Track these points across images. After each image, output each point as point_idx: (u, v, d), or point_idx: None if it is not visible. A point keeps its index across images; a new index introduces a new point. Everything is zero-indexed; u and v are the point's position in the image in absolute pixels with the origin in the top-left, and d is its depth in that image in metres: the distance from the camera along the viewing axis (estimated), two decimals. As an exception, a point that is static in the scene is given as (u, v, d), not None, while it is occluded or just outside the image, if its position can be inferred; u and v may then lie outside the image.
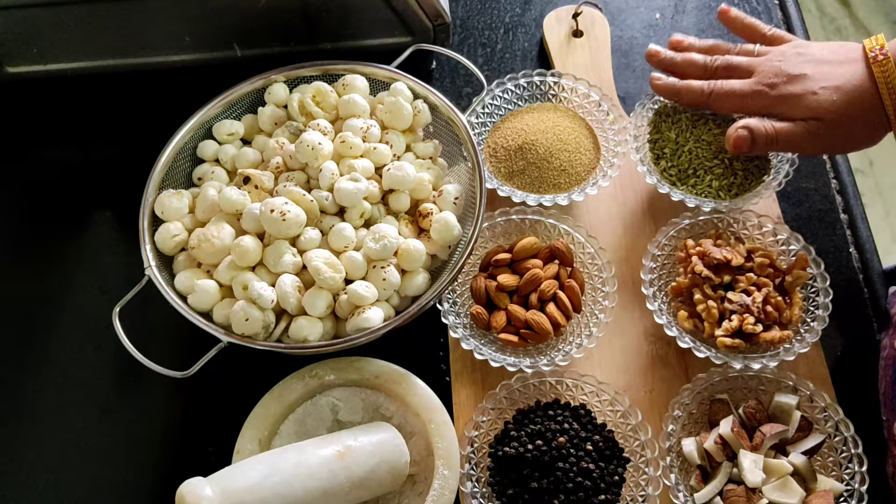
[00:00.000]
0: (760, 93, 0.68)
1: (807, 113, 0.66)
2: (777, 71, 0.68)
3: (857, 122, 0.66)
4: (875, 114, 0.65)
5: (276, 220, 0.64)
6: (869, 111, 0.65)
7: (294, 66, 0.76)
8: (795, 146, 0.68)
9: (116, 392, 0.72)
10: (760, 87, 0.68)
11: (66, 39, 0.82)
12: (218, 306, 0.65)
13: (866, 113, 0.65)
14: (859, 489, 0.62)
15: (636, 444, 0.64)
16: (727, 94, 0.70)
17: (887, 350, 0.68)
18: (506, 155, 0.77)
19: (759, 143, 0.69)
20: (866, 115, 0.65)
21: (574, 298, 0.70)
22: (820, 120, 0.66)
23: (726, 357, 0.66)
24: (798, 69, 0.67)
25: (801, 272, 0.68)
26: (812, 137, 0.67)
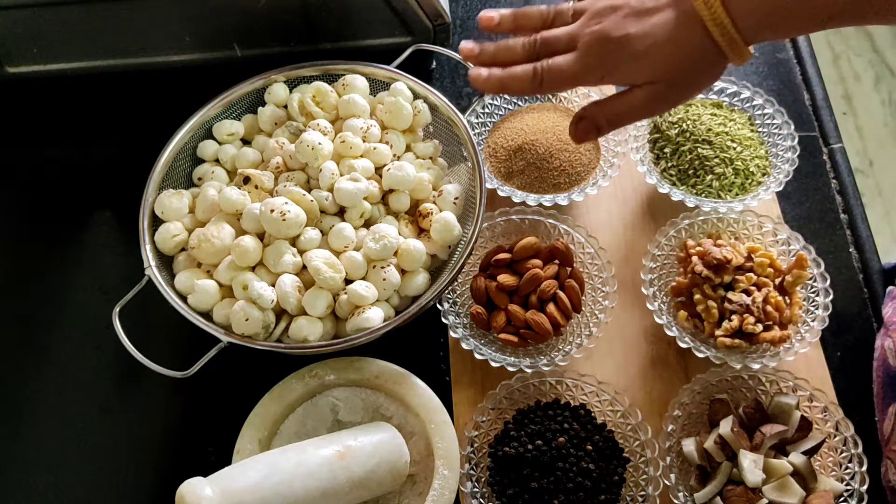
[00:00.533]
0: (590, 67, 0.63)
1: (643, 77, 0.62)
2: (599, 37, 0.62)
3: (696, 67, 0.61)
4: (710, 53, 0.60)
5: (276, 220, 0.64)
6: (704, 52, 0.60)
7: (294, 66, 0.76)
8: (643, 115, 0.64)
9: (116, 392, 0.72)
10: (588, 61, 0.63)
11: (67, 39, 0.82)
12: (218, 306, 0.65)
13: (703, 56, 0.60)
14: (859, 489, 0.62)
15: (636, 444, 0.64)
16: (556, 76, 0.64)
17: (878, 351, 0.68)
18: (506, 155, 0.77)
19: (604, 128, 0.65)
20: (703, 59, 0.60)
21: (574, 298, 0.70)
22: (658, 82, 0.61)
23: (726, 357, 0.66)
24: (620, 30, 0.62)
25: (801, 272, 0.68)
26: (656, 101, 0.63)
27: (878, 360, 0.68)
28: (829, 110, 0.85)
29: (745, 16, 0.57)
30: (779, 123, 0.77)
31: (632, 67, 0.61)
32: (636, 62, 0.61)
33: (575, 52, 0.63)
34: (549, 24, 0.66)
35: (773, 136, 0.77)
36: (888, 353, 0.66)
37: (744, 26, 0.58)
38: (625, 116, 0.64)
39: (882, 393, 0.66)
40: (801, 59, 0.87)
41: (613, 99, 0.64)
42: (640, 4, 0.62)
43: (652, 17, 0.61)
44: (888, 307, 0.70)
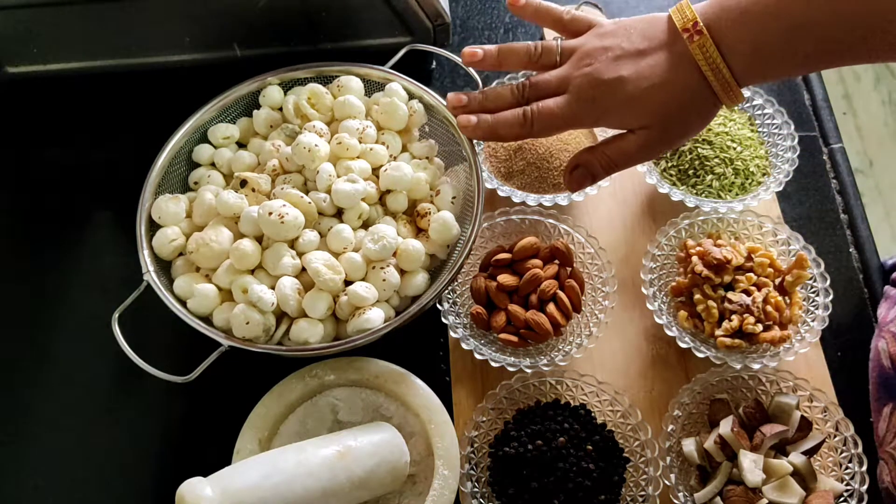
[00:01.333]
0: (582, 111, 0.61)
1: (637, 122, 0.60)
2: (591, 81, 0.60)
3: (689, 111, 0.60)
4: (703, 96, 0.59)
5: (274, 223, 0.64)
6: (698, 96, 0.59)
7: (288, 69, 0.76)
8: (637, 160, 0.63)
9: (117, 392, 0.72)
10: (580, 105, 0.61)
11: (66, 39, 0.82)
12: (218, 310, 0.65)
13: (696, 99, 0.59)
14: (859, 489, 0.62)
15: (636, 444, 0.64)
16: (547, 119, 0.62)
17: (873, 352, 0.68)
18: (505, 155, 0.77)
19: (599, 175, 0.64)
20: (696, 102, 0.59)
21: (574, 298, 0.70)
22: (652, 126, 0.60)
23: (726, 357, 0.66)
24: (612, 72, 0.60)
25: (801, 272, 0.68)
26: (650, 146, 0.61)
27: (872, 360, 0.68)
28: (829, 110, 0.85)
29: (738, 58, 0.57)
30: (779, 123, 0.77)
31: (625, 111, 0.60)
32: (629, 106, 0.60)
33: (566, 94, 0.62)
34: (537, 60, 0.65)
35: (773, 136, 0.77)
36: (882, 355, 0.66)
37: (737, 69, 0.57)
38: (620, 162, 0.63)
39: (877, 394, 0.66)
40: (801, 58, 0.87)
41: (607, 144, 0.63)
42: (632, 45, 0.60)
43: (644, 58, 0.60)
44: (883, 307, 0.70)
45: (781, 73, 0.59)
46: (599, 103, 0.60)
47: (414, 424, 0.66)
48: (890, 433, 0.63)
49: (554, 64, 0.64)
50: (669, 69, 0.59)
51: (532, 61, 0.65)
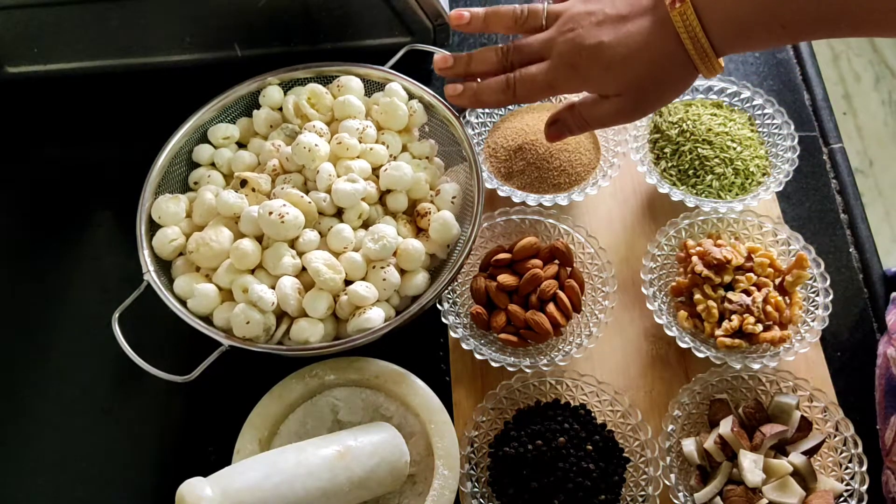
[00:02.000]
0: (563, 76, 0.62)
1: (615, 89, 0.62)
2: (573, 46, 0.61)
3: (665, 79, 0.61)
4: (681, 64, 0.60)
5: (274, 223, 0.64)
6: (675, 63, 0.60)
7: (288, 69, 0.76)
8: (611, 123, 0.66)
9: (117, 392, 0.72)
10: (561, 70, 0.62)
11: (67, 39, 0.82)
12: (218, 310, 0.65)
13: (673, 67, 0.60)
14: (859, 489, 0.62)
15: (636, 444, 0.64)
16: (529, 85, 0.63)
17: (881, 358, 0.67)
18: (506, 155, 0.77)
19: (574, 131, 0.67)
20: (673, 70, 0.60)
21: (574, 298, 0.70)
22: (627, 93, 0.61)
23: (726, 357, 0.66)
24: (593, 37, 0.60)
25: (801, 272, 0.68)
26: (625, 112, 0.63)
27: (880, 367, 0.67)
28: (829, 110, 0.85)
29: (716, 26, 0.57)
30: (779, 123, 0.77)
31: (604, 77, 0.61)
32: (609, 72, 0.61)
33: (548, 60, 0.63)
34: (522, 23, 0.66)
35: (773, 136, 0.77)
36: (890, 362, 0.66)
37: (716, 37, 0.58)
38: (594, 123, 0.66)
39: (884, 402, 0.66)
40: (800, 59, 0.87)
41: (584, 105, 0.65)
42: (615, 10, 0.61)
43: (626, 24, 0.60)
44: (891, 314, 0.69)
45: (760, 43, 0.59)
46: (580, 70, 0.61)
47: (414, 424, 0.66)
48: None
49: (539, 27, 0.65)
50: (649, 35, 0.59)
51: (518, 25, 0.66)
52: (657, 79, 0.61)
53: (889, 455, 0.63)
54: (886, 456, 0.64)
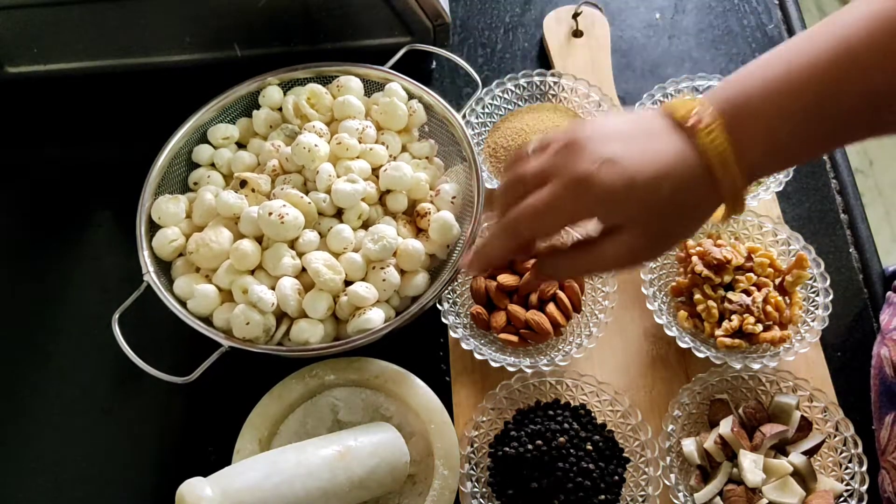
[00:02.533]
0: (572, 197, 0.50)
1: (633, 213, 0.50)
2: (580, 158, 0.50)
3: (692, 205, 0.50)
4: (705, 193, 0.50)
5: (274, 223, 0.64)
6: (701, 190, 0.50)
7: (288, 69, 0.76)
8: (621, 265, 0.53)
9: (117, 392, 0.72)
10: (570, 190, 0.50)
11: (67, 39, 0.82)
12: (218, 311, 0.65)
13: (699, 193, 0.50)
14: (859, 489, 0.62)
15: (636, 444, 0.64)
16: (532, 214, 0.52)
17: (875, 359, 0.67)
18: (506, 155, 0.77)
19: (563, 276, 0.58)
20: (699, 196, 0.50)
21: (574, 298, 0.70)
22: (646, 223, 0.50)
23: (726, 357, 0.66)
24: (603, 150, 0.49)
25: (801, 272, 0.68)
26: (638, 249, 0.51)
27: (874, 367, 0.67)
28: (829, 110, 0.85)
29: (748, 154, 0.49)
30: (779, 123, 0.77)
31: (620, 198, 0.49)
32: (628, 192, 0.49)
33: (552, 181, 0.51)
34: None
35: (773, 136, 0.77)
36: (884, 363, 0.66)
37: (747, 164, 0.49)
38: (597, 266, 0.55)
39: (878, 402, 0.66)
40: (801, 58, 0.87)
41: (584, 246, 0.54)
42: (624, 129, 0.51)
43: (640, 142, 0.50)
44: (886, 313, 0.69)
45: (791, 163, 0.55)
46: (592, 186, 0.49)
47: (414, 424, 0.66)
48: (892, 443, 0.63)
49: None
50: (670, 157, 0.49)
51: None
52: (680, 205, 0.50)
53: (885, 455, 0.63)
54: (882, 456, 0.64)
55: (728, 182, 0.49)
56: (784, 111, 0.48)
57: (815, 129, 0.48)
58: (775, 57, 0.49)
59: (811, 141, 0.49)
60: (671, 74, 0.86)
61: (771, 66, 0.49)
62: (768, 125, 0.48)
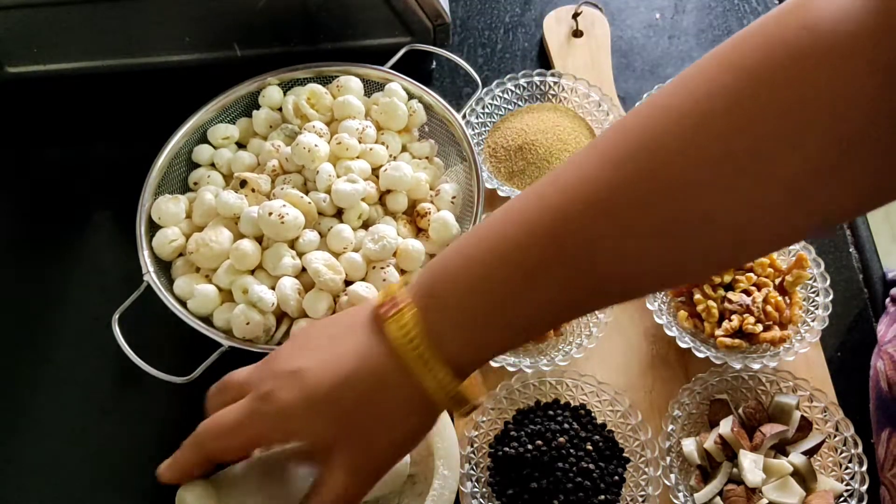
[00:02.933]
0: (261, 414, 0.45)
1: (327, 430, 0.44)
2: (268, 373, 0.46)
3: (386, 412, 0.44)
4: (406, 392, 0.44)
5: (274, 223, 0.64)
6: (395, 391, 0.44)
7: (288, 69, 0.76)
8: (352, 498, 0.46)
9: (117, 393, 0.72)
10: (258, 405, 0.45)
11: (67, 39, 0.82)
12: (218, 311, 0.65)
13: (392, 395, 0.44)
14: (859, 489, 0.62)
15: (636, 444, 0.64)
16: (217, 436, 0.47)
17: (872, 370, 0.67)
18: (506, 155, 0.77)
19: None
20: (394, 398, 0.44)
21: (574, 298, 0.70)
22: (348, 439, 0.44)
23: (726, 357, 0.66)
24: (291, 363, 0.45)
25: (801, 272, 0.68)
26: (361, 473, 0.45)
27: (872, 379, 0.67)
28: (829, 110, 0.85)
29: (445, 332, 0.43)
30: (779, 123, 0.77)
31: (310, 416, 0.44)
32: (314, 408, 0.44)
33: (243, 398, 0.47)
34: None
35: (773, 136, 0.77)
36: (880, 376, 0.66)
37: (447, 349, 0.43)
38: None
39: (876, 416, 0.65)
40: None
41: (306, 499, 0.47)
42: (326, 331, 0.47)
43: (335, 341, 0.46)
44: (883, 324, 0.69)
45: (497, 350, 0.46)
46: (278, 402, 0.44)
47: (414, 424, 0.66)
48: (888, 460, 0.63)
49: None
50: (358, 354, 0.44)
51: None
52: (374, 411, 0.44)
53: (883, 471, 0.63)
54: (881, 471, 0.63)
55: (429, 376, 0.43)
56: (468, 295, 0.42)
57: (505, 313, 0.43)
58: (468, 236, 0.45)
59: (506, 325, 0.43)
60: (671, 74, 0.86)
61: (461, 244, 0.44)
62: (459, 308, 0.43)
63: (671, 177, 0.38)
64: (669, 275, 0.43)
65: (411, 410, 0.44)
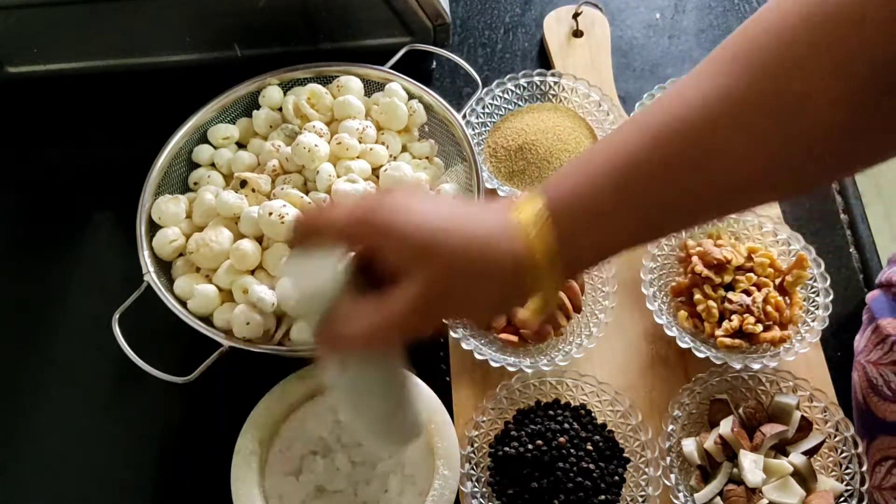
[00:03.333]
0: (358, 222, 0.45)
1: (419, 255, 0.43)
2: (374, 199, 0.47)
3: (492, 280, 0.44)
4: (513, 280, 0.44)
5: (274, 223, 0.64)
6: (507, 277, 0.44)
7: (288, 69, 0.76)
8: (405, 321, 0.44)
9: (117, 392, 0.72)
10: (357, 215, 0.45)
11: (67, 39, 0.82)
12: (218, 311, 0.65)
13: (504, 272, 0.44)
14: (859, 489, 0.62)
15: (636, 445, 0.64)
16: (322, 221, 0.46)
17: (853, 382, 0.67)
18: (506, 155, 0.77)
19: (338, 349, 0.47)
20: (502, 273, 0.44)
21: (574, 298, 0.70)
22: (434, 271, 0.43)
23: (726, 357, 0.66)
24: (403, 199, 0.45)
25: (802, 272, 0.68)
26: (424, 301, 0.43)
27: (853, 390, 0.67)
28: (829, 110, 0.85)
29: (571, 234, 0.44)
30: (779, 123, 0.77)
31: (407, 233, 0.44)
32: (416, 231, 0.43)
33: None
34: None
35: (773, 136, 0.77)
36: (856, 388, 0.66)
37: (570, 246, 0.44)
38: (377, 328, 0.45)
39: (856, 426, 0.66)
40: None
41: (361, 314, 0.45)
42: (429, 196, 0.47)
43: (446, 202, 0.49)
44: (859, 334, 0.69)
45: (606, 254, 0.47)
46: (378, 216, 0.44)
47: (414, 424, 0.66)
48: (868, 470, 0.63)
49: None
50: (490, 225, 0.45)
51: None
52: (484, 272, 0.44)
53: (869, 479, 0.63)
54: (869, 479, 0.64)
55: (542, 264, 0.44)
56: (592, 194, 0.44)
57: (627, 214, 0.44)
58: (589, 148, 0.46)
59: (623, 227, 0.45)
60: (671, 74, 0.86)
61: (583, 155, 0.46)
62: (583, 207, 0.44)
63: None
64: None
65: (508, 289, 0.45)
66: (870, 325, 0.67)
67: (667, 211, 0.44)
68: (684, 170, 0.43)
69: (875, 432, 0.64)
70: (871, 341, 0.66)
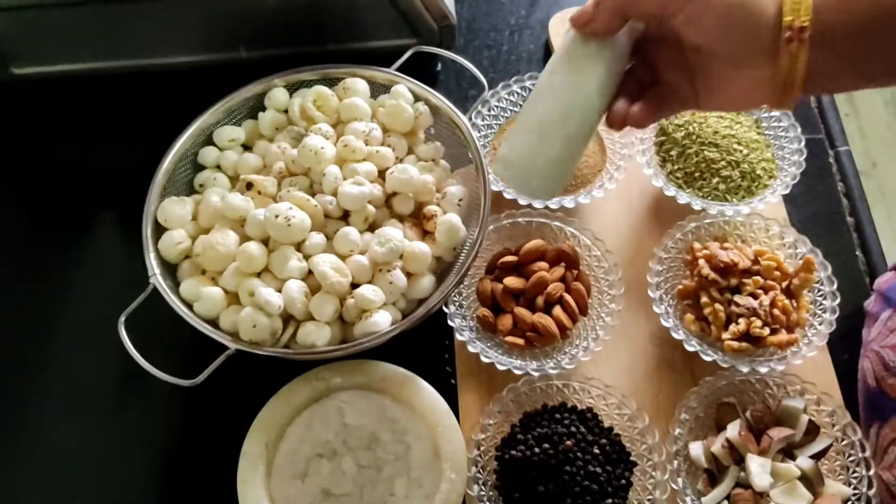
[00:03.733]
0: None
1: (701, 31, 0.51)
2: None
3: (746, 42, 0.51)
4: (765, 57, 0.50)
5: (281, 226, 0.64)
6: (761, 50, 0.50)
7: (294, 71, 0.76)
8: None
9: (123, 396, 0.72)
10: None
11: (72, 40, 0.82)
12: (224, 313, 0.65)
13: (759, 41, 0.50)
14: (866, 493, 0.61)
15: (643, 448, 0.64)
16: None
17: (860, 372, 0.67)
18: (511, 157, 0.77)
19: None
20: (756, 42, 0.50)
21: (580, 301, 0.70)
22: (709, 46, 0.51)
23: (733, 360, 0.66)
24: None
25: (809, 275, 0.68)
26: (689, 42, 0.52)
27: (860, 381, 0.67)
28: (835, 113, 0.85)
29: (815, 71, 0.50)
30: (785, 126, 0.77)
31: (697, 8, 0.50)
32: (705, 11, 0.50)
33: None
34: None
35: (780, 139, 0.77)
36: (867, 374, 0.66)
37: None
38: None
39: (864, 414, 0.66)
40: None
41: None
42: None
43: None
44: (866, 327, 0.69)
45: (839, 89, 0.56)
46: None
47: (420, 427, 0.65)
48: (878, 454, 0.63)
49: None
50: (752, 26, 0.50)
51: None
52: (741, 34, 0.50)
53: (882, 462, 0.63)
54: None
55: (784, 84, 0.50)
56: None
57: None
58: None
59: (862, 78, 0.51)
60: (677, 77, 0.86)
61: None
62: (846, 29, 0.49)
63: None
64: None
65: (752, 60, 0.51)
66: (884, 312, 0.67)
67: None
68: None
69: (888, 414, 0.63)
70: (887, 327, 0.66)
